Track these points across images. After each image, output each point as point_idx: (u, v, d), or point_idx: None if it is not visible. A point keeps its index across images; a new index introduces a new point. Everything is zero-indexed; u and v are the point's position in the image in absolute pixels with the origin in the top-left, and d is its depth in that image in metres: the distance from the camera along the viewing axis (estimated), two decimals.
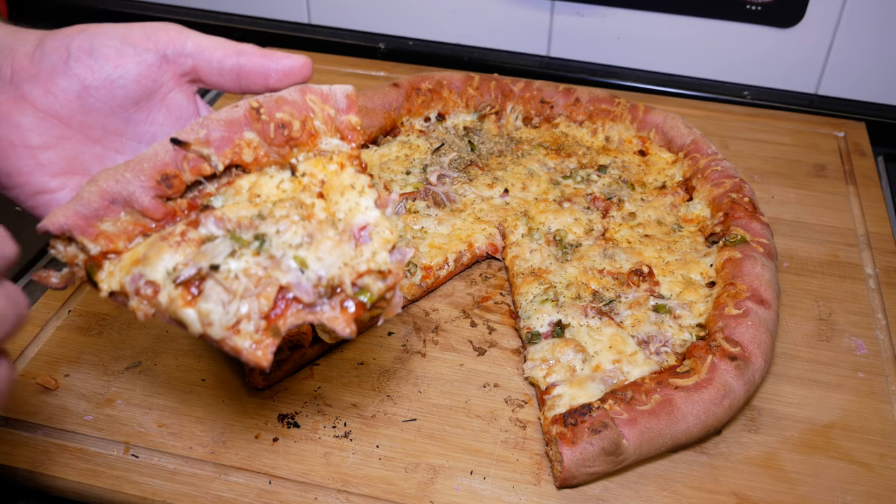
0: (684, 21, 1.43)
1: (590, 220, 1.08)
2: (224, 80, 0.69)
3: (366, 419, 0.88)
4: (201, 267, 0.60)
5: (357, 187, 0.66)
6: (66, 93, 0.65)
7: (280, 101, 0.66)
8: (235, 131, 0.65)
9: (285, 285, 0.60)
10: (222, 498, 0.80)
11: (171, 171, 0.63)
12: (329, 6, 1.60)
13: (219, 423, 0.87)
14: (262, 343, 0.59)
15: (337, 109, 0.68)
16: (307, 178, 0.67)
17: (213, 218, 0.63)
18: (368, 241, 0.63)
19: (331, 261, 0.61)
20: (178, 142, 0.63)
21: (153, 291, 0.60)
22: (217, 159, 0.64)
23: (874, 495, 0.81)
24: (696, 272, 0.99)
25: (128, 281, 0.61)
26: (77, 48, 0.65)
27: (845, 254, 1.11)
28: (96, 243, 0.62)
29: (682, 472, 0.83)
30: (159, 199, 0.63)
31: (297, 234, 0.62)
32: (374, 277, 0.61)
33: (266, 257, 0.60)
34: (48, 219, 0.62)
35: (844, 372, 0.94)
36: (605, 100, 1.26)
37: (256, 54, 0.69)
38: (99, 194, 0.62)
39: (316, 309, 0.61)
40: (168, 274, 0.60)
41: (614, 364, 0.88)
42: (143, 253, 0.62)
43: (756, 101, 1.44)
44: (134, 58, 0.66)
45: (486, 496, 0.80)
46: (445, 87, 1.28)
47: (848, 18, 1.35)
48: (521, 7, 1.49)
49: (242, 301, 0.59)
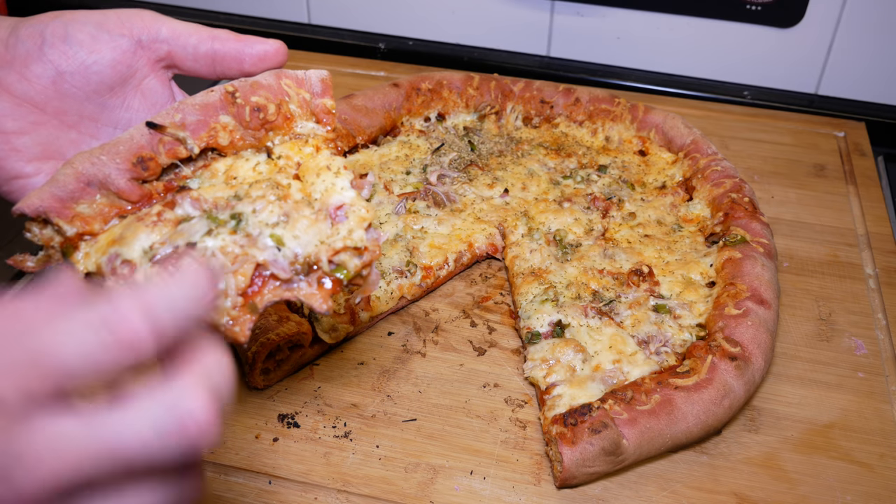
0: (684, 21, 1.43)
1: (590, 220, 1.08)
2: (199, 65, 0.70)
3: (366, 419, 0.88)
4: (177, 245, 0.60)
5: (333, 168, 0.66)
6: (40, 79, 0.65)
7: (255, 85, 0.67)
8: (211, 115, 0.65)
9: (262, 262, 0.60)
10: (222, 498, 0.80)
11: (147, 154, 0.63)
12: (329, 6, 1.60)
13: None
14: (240, 319, 0.59)
15: (312, 93, 0.69)
16: (283, 160, 0.67)
17: (190, 199, 0.63)
18: (345, 220, 0.63)
19: (307, 239, 0.61)
20: (153, 125, 0.64)
21: (130, 270, 0.60)
22: (193, 142, 0.65)
23: (874, 495, 0.81)
24: (696, 272, 0.99)
25: (104, 261, 0.61)
26: (51, 34, 0.65)
27: (845, 254, 1.11)
28: (72, 225, 0.62)
29: (682, 472, 0.83)
30: (135, 182, 0.63)
31: (274, 214, 0.62)
32: (350, 254, 0.62)
33: (243, 236, 0.61)
34: (23, 201, 0.62)
35: (844, 372, 0.94)
36: (605, 100, 1.26)
37: (231, 39, 0.69)
38: (74, 176, 0.62)
39: (293, 286, 0.61)
40: (144, 253, 0.60)
41: (614, 364, 0.88)
42: (119, 233, 0.62)
43: (756, 101, 1.44)
44: (109, 43, 0.66)
45: (486, 496, 0.80)
46: (445, 87, 1.28)
47: (848, 18, 1.35)
48: (521, 7, 1.49)
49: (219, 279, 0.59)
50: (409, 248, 1.03)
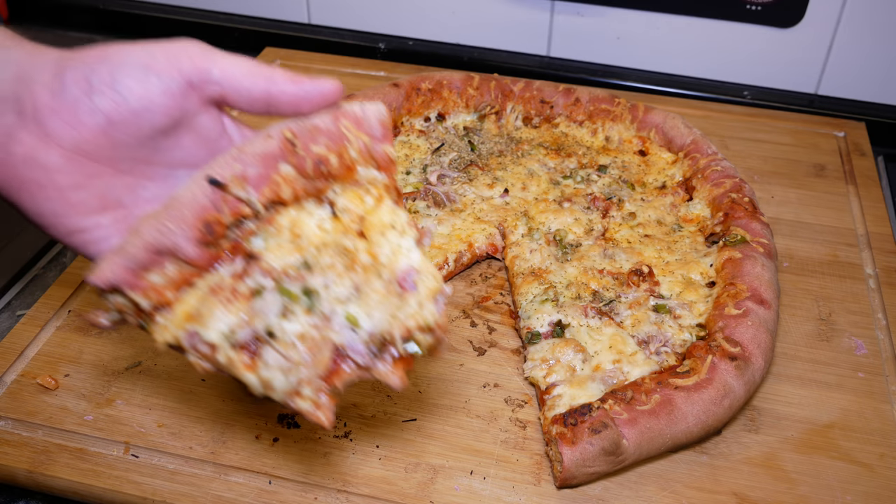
0: (684, 21, 1.43)
1: (590, 220, 1.08)
2: (253, 107, 0.66)
3: (366, 419, 0.88)
4: (257, 331, 0.61)
5: (398, 227, 0.66)
6: (91, 129, 0.61)
7: (315, 130, 0.65)
8: (271, 166, 0.64)
9: (339, 345, 0.62)
10: (222, 498, 0.80)
11: (212, 218, 0.62)
12: (329, 6, 1.60)
13: (219, 423, 0.87)
14: (323, 405, 0.63)
15: (372, 137, 0.67)
16: (346, 215, 0.66)
17: (260, 270, 0.63)
18: (414, 289, 0.64)
19: (380, 315, 0.63)
20: (216, 183, 0.62)
21: (211, 351, 0.62)
22: (256, 201, 0.63)
23: (874, 495, 0.82)
24: (696, 272, 0.99)
25: (184, 337, 0.62)
26: (99, 81, 0.61)
27: (845, 254, 1.11)
28: (147, 298, 0.62)
29: (682, 472, 0.83)
30: (203, 246, 0.62)
31: (345, 287, 0.63)
32: (422, 331, 0.64)
33: (318, 317, 0.62)
34: (96, 274, 0.61)
35: (844, 372, 0.94)
36: (605, 100, 1.26)
37: (287, 82, 0.65)
38: (144, 247, 0.61)
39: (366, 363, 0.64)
40: (224, 336, 0.62)
41: (614, 364, 0.88)
42: (194, 307, 0.62)
43: (756, 101, 1.44)
44: (159, 87, 0.62)
45: (486, 496, 0.80)
46: (445, 87, 1.28)
47: (848, 18, 1.35)
48: (521, 7, 1.49)
49: (301, 368, 0.61)
50: None
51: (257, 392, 0.63)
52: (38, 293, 1.06)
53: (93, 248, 0.65)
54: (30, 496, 0.86)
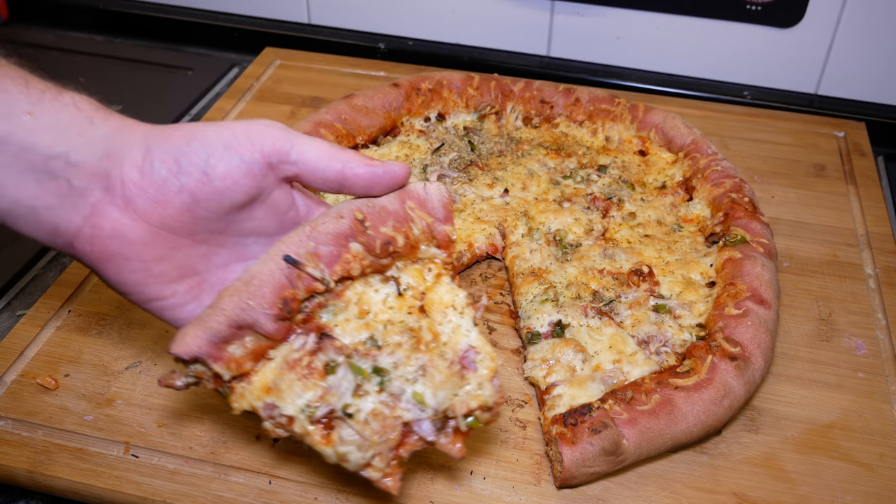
0: (684, 21, 1.43)
1: (590, 220, 1.08)
2: (326, 186, 0.70)
3: None
4: (334, 407, 0.66)
5: (457, 307, 0.73)
6: (176, 207, 0.65)
7: (383, 211, 0.70)
8: (342, 245, 0.68)
9: (407, 422, 0.68)
10: (222, 498, 0.80)
11: (290, 295, 0.66)
12: (329, 6, 1.60)
13: (219, 423, 0.87)
14: (393, 475, 0.68)
15: (434, 218, 0.73)
16: (409, 291, 0.73)
17: (333, 348, 0.68)
18: (474, 368, 0.70)
19: (443, 395, 0.68)
20: (292, 261, 0.67)
21: (288, 422, 0.67)
22: (329, 278, 0.68)
23: (874, 495, 0.82)
24: (696, 272, 0.99)
25: (261, 407, 0.67)
26: (187, 162, 0.65)
27: (845, 254, 1.11)
28: (228, 370, 0.66)
29: (682, 472, 0.83)
30: (280, 321, 0.67)
31: (412, 366, 0.68)
32: (481, 411, 0.69)
33: (388, 396, 0.67)
34: (178, 345, 0.65)
35: (844, 372, 0.94)
36: (605, 100, 1.26)
37: (360, 165, 0.69)
38: (226, 322, 0.65)
39: (432, 439, 0.69)
40: (302, 410, 0.66)
41: (614, 364, 0.88)
42: (272, 380, 0.67)
43: (756, 101, 1.44)
44: (241, 169, 0.66)
45: (486, 496, 0.80)
46: (445, 87, 1.28)
47: (848, 18, 1.35)
48: (521, 7, 1.49)
49: (374, 445, 0.66)
50: None
51: (330, 461, 0.68)
52: (38, 293, 1.06)
53: (168, 314, 0.69)
54: (30, 496, 0.86)
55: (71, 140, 0.63)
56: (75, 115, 0.64)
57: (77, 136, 0.64)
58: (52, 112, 0.63)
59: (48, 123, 0.63)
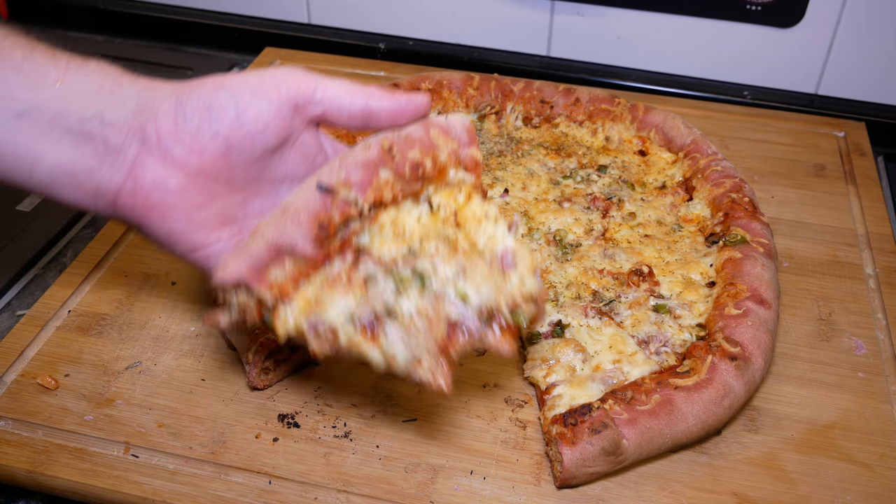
0: (684, 21, 1.43)
1: (590, 220, 1.09)
2: (352, 123, 0.72)
3: (366, 419, 0.88)
4: (377, 310, 0.67)
5: (490, 217, 0.73)
6: (212, 152, 0.67)
7: (409, 139, 0.71)
8: (373, 172, 0.69)
9: (454, 321, 0.68)
10: (222, 498, 0.80)
11: (325, 219, 0.67)
12: (329, 6, 1.60)
13: (219, 423, 0.87)
14: (443, 373, 0.68)
15: (459, 143, 0.74)
16: (442, 210, 0.73)
17: (371, 261, 0.69)
18: (513, 266, 0.70)
19: (486, 290, 0.68)
20: (324, 188, 0.68)
21: (333, 335, 0.68)
22: (362, 202, 0.69)
23: (874, 495, 0.82)
24: (696, 272, 0.99)
25: (306, 325, 0.68)
26: (218, 108, 0.67)
27: (845, 254, 1.11)
28: (270, 293, 0.67)
29: (682, 472, 0.83)
30: (317, 244, 0.68)
31: (451, 268, 0.69)
32: (526, 302, 0.69)
33: (431, 296, 0.68)
34: (222, 271, 0.67)
35: (844, 372, 0.94)
36: (605, 100, 1.26)
37: (385, 98, 0.72)
38: (266, 246, 0.67)
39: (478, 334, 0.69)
40: (346, 319, 0.67)
41: (614, 364, 0.88)
42: (314, 297, 0.68)
43: (756, 101, 1.44)
44: (270, 111, 0.68)
45: (486, 496, 0.80)
46: (445, 87, 1.28)
47: (848, 18, 1.35)
48: (521, 7, 1.49)
49: (420, 340, 0.67)
50: None
51: (378, 366, 0.68)
52: (38, 293, 1.05)
53: (213, 262, 0.71)
54: (30, 496, 0.86)
55: (102, 100, 0.66)
56: (103, 79, 0.67)
57: (108, 96, 0.66)
58: (81, 78, 0.66)
59: (78, 88, 0.65)
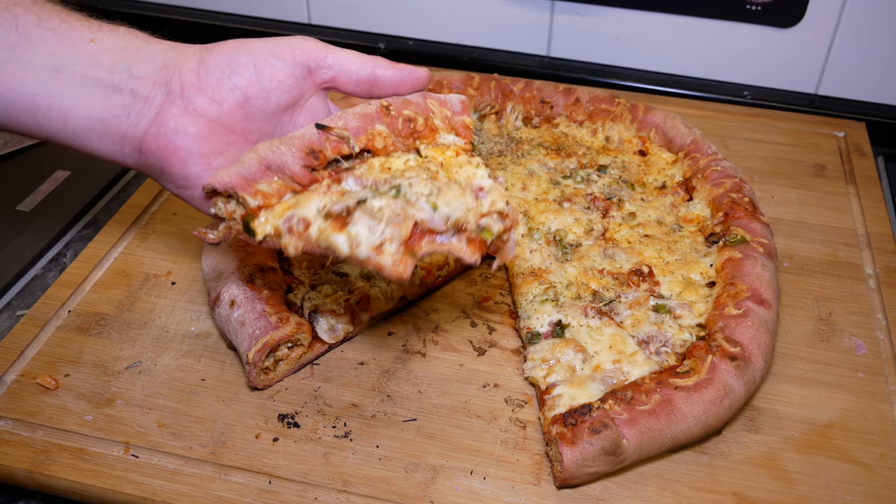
0: (684, 21, 1.43)
1: (590, 220, 1.08)
2: (358, 89, 0.80)
3: (366, 419, 0.88)
4: (348, 204, 0.70)
5: (472, 164, 0.78)
6: (230, 103, 0.75)
7: (406, 101, 0.79)
8: (369, 123, 0.76)
9: (420, 221, 0.70)
10: (222, 498, 0.80)
11: (317, 147, 0.74)
12: (329, 6, 1.60)
13: (219, 423, 0.87)
14: (402, 262, 0.69)
15: (453, 112, 0.80)
16: (429, 159, 0.78)
17: (353, 177, 0.74)
18: (486, 196, 0.73)
19: (457, 205, 0.71)
20: (322, 126, 0.75)
21: (304, 227, 0.70)
22: (354, 142, 0.76)
23: (874, 495, 0.82)
24: (696, 272, 0.99)
25: (281, 223, 0.71)
26: (238, 64, 0.75)
27: (845, 254, 1.11)
28: (255, 199, 0.72)
29: (682, 472, 0.83)
30: (306, 169, 0.73)
31: (427, 187, 0.72)
32: (495, 218, 0.72)
33: (402, 200, 0.71)
34: (214, 179, 0.71)
35: (844, 372, 0.94)
36: (605, 100, 1.26)
37: (389, 67, 0.80)
38: (258, 161, 0.72)
39: (444, 240, 0.71)
40: (318, 211, 0.70)
41: (614, 364, 0.88)
42: (294, 202, 0.73)
43: (756, 101, 1.44)
44: (285, 71, 0.76)
45: (486, 496, 0.80)
46: (445, 87, 1.28)
47: (848, 18, 1.35)
48: (521, 7, 1.49)
49: (386, 226, 0.69)
50: None
51: (342, 252, 0.69)
52: (38, 293, 1.05)
53: None
54: (30, 496, 0.86)
55: (131, 56, 0.74)
56: (132, 39, 0.75)
57: (136, 53, 0.74)
58: (112, 38, 0.74)
59: (109, 46, 0.74)
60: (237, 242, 0.96)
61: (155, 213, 1.16)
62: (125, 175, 1.28)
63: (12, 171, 1.26)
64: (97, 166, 1.27)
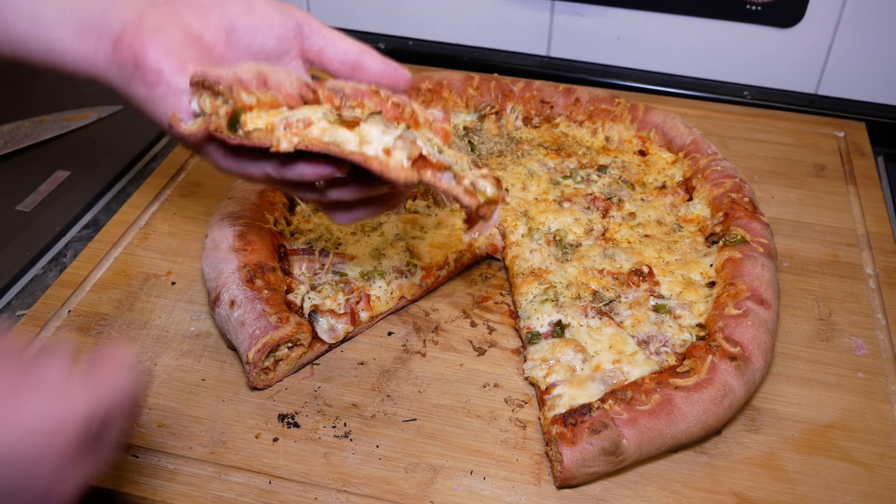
0: (684, 21, 1.43)
1: (590, 220, 1.08)
2: (343, 69, 0.79)
3: (366, 419, 0.88)
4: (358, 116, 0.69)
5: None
6: (215, 25, 0.73)
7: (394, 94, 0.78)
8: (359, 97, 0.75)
9: (427, 154, 0.70)
10: (222, 498, 0.80)
11: (314, 87, 0.72)
12: (329, 6, 1.60)
13: (219, 423, 0.87)
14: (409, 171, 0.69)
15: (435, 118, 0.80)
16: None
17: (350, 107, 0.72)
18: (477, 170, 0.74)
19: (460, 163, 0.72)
20: (316, 78, 0.74)
21: (306, 125, 0.68)
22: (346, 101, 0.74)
23: (874, 495, 0.82)
24: (696, 272, 0.99)
25: (277, 120, 0.68)
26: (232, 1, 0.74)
27: (845, 254, 1.11)
28: (250, 97, 0.69)
29: (682, 472, 0.83)
30: (300, 97, 0.71)
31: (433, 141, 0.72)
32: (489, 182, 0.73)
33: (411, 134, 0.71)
34: (207, 70, 0.68)
35: (844, 372, 0.94)
36: (605, 100, 1.26)
37: (378, 58, 0.79)
38: (255, 72, 0.70)
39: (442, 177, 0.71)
40: (324, 115, 0.69)
41: (614, 364, 0.88)
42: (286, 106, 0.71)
43: (756, 101, 1.44)
44: (278, 20, 0.76)
45: (486, 496, 0.80)
46: (445, 87, 1.28)
47: (848, 18, 1.35)
48: (521, 7, 1.49)
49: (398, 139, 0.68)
50: (409, 248, 1.03)
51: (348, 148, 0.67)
52: (38, 293, 1.05)
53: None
54: None
55: None
56: None
57: None
58: None
59: None
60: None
61: (155, 213, 1.16)
62: (125, 175, 1.28)
63: (12, 171, 1.26)
64: (97, 166, 1.27)
